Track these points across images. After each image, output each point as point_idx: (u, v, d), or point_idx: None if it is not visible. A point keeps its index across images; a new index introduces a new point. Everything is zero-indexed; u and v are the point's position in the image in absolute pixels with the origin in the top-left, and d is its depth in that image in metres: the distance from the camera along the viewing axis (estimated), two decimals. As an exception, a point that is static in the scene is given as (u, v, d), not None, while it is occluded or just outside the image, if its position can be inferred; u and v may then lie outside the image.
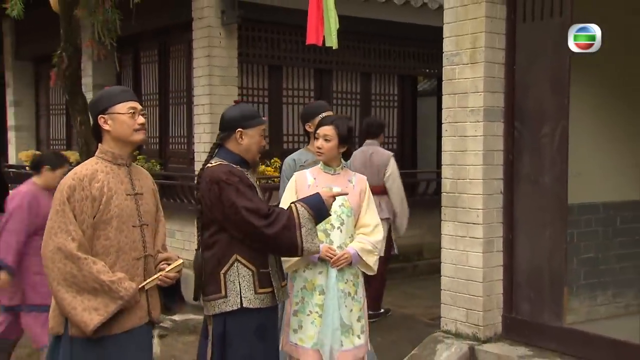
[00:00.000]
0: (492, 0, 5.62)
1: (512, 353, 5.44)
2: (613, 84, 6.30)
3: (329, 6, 5.97)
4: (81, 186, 3.39)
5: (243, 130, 4.01)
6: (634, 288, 6.56)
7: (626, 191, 6.51)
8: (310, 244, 3.90)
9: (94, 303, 3.31)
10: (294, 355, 4.37)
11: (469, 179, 5.74)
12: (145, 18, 9.15)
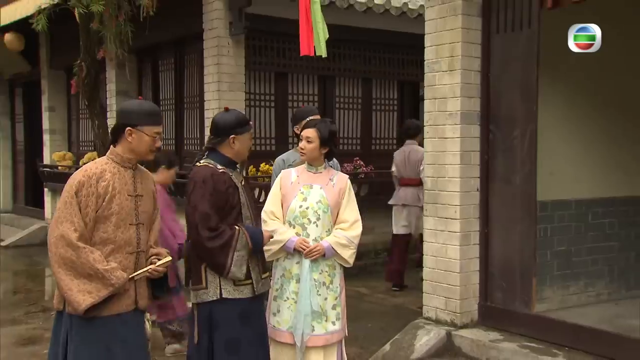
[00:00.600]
0: (468, 12, 5.72)
1: (485, 337, 5.52)
2: (584, 92, 6.31)
3: (317, 18, 6.07)
4: (89, 183, 3.53)
5: (236, 136, 4.15)
6: (604, 279, 6.58)
7: (597, 189, 6.51)
8: (237, 269, 4.04)
9: (88, 287, 3.47)
10: (272, 336, 4.50)
11: (447, 178, 5.83)
12: (162, 30, 9.34)
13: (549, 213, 6.21)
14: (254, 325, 4.19)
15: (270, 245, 4.46)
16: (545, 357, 5.07)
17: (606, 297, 6.55)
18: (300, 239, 4.45)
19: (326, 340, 4.50)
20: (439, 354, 5.59)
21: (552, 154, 6.11)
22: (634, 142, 6.63)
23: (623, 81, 6.50)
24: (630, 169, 6.66)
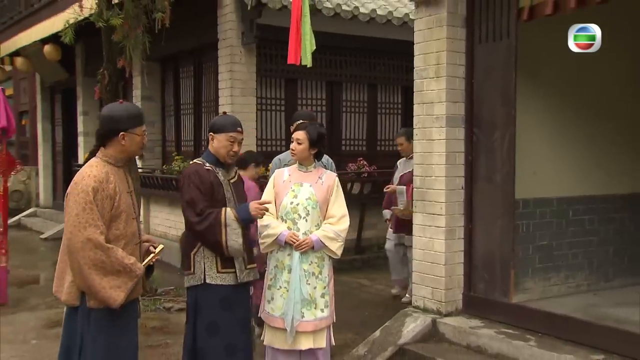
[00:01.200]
0: (453, 24, 5.77)
1: (466, 324, 5.57)
2: (564, 97, 6.32)
3: (306, 30, 6.14)
4: (101, 187, 3.56)
5: (214, 134, 4.33)
6: (584, 271, 6.58)
7: (578, 188, 6.50)
8: (234, 241, 4.16)
9: (117, 282, 3.55)
10: (267, 322, 4.64)
11: (434, 177, 5.87)
12: (182, 40, 9.55)
13: (531, 210, 6.23)
14: (235, 311, 4.28)
15: (264, 239, 4.59)
16: (518, 341, 5.11)
17: (586, 288, 6.55)
18: (291, 232, 4.56)
19: (315, 326, 4.60)
20: (424, 339, 5.63)
21: (534, 154, 6.14)
22: (612, 144, 6.62)
23: (601, 86, 6.51)
24: (608, 169, 6.66)
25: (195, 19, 9.27)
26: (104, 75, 7.35)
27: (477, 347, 5.34)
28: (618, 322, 5.26)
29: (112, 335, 3.67)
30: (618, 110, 6.66)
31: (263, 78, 9.12)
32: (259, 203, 4.33)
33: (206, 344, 4.23)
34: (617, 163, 6.72)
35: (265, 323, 4.68)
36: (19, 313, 7.43)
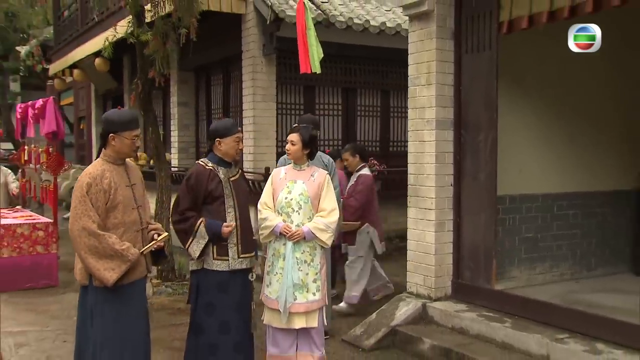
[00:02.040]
0: (442, 36, 5.86)
1: (452, 308, 5.68)
2: (547, 101, 6.37)
3: (312, 41, 6.28)
4: (95, 183, 3.80)
5: (221, 139, 4.49)
6: (568, 261, 6.62)
7: (562, 185, 6.54)
8: (193, 250, 4.40)
9: (111, 265, 3.77)
10: (266, 304, 4.79)
11: (426, 174, 5.96)
12: (213, 51, 9.81)
13: (518, 205, 6.30)
14: (230, 293, 4.46)
15: (263, 230, 4.73)
16: (495, 323, 5.21)
17: (569, 277, 6.60)
18: (285, 224, 4.71)
19: (307, 308, 4.73)
20: (414, 321, 5.74)
21: (520, 154, 6.22)
22: (593, 144, 6.65)
23: (582, 90, 6.53)
24: (591, 168, 6.68)
25: (223, 33, 9.49)
26: (137, 84, 7.58)
27: (460, 329, 5.46)
28: (590, 306, 5.36)
29: (116, 309, 3.90)
30: (598, 112, 6.67)
31: (283, 85, 9.28)
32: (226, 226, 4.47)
33: (203, 321, 4.43)
34: (599, 162, 6.74)
35: (265, 305, 4.86)
36: (67, 293, 7.72)
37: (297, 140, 4.83)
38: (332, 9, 8.95)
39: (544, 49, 6.15)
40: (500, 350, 5.00)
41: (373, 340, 5.59)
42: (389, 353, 5.46)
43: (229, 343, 4.47)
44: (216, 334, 4.42)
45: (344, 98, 9.98)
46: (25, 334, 6.10)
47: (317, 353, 4.93)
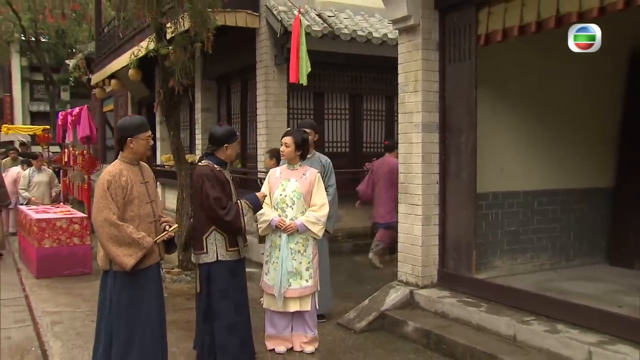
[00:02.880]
0: (428, 48, 5.97)
1: (435, 295, 5.77)
2: (527, 105, 6.42)
3: (302, 55, 6.44)
4: (114, 180, 4.04)
5: (228, 145, 4.68)
6: (547, 252, 6.65)
7: (542, 183, 6.57)
8: (249, 226, 4.60)
9: (129, 251, 3.99)
10: (264, 290, 5.02)
11: (414, 173, 6.06)
12: (232, 62, 10.04)
13: (500, 201, 6.35)
14: (239, 278, 4.67)
15: (261, 224, 4.95)
16: (472, 308, 5.31)
17: (548, 267, 6.63)
18: (280, 218, 4.94)
19: (300, 293, 4.95)
20: (402, 306, 5.86)
21: (502, 154, 6.27)
22: (572, 145, 6.67)
23: (559, 97, 6.56)
24: (569, 167, 6.71)
25: (241, 45, 9.72)
26: (159, 93, 7.86)
27: (441, 313, 5.57)
28: (561, 293, 5.42)
29: (133, 291, 4.11)
30: (576, 116, 6.69)
31: (295, 92, 9.45)
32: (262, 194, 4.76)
33: (219, 305, 4.59)
34: (577, 162, 6.76)
35: (264, 290, 5.06)
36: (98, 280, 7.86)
37: (290, 142, 5.04)
38: (337, 23, 9.11)
39: (524, 58, 6.21)
40: (475, 331, 5.11)
41: (364, 323, 5.73)
42: (377, 334, 5.60)
43: (243, 321, 4.69)
44: (233, 315, 4.61)
45: (350, 103, 10.13)
46: (60, 314, 6.40)
47: (310, 334, 5.14)
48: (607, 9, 4.49)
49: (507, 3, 5.29)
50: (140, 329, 4.16)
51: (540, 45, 6.13)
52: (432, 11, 5.99)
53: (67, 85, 25.74)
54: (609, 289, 5.75)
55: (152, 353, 4.20)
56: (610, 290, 5.69)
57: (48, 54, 24.25)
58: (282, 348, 5.07)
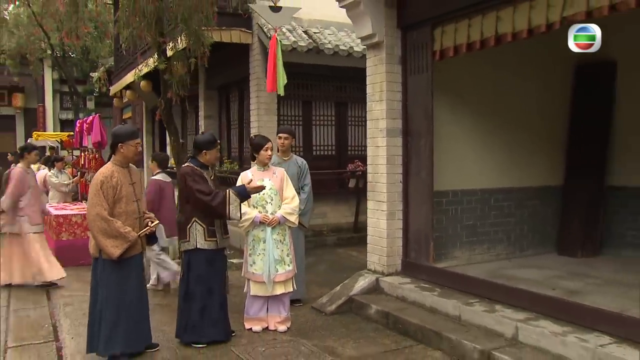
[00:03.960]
0: (391, 62, 6.16)
1: (397, 281, 5.97)
2: (486, 113, 6.59)
3: (279, 69, 6.65)
4: (106, 181, 4.35)
5: (207, 151, 4.94)
6: (503, 243, 6.81)
7: (498, 181, 6.73)
8: (233, 213, 4.77)
9: (116, 243, 4.30)
10: (251, 279, 5.22)
11: (380, 173, 6.26)
12: (230, 74, 10.27)
13: (459, 198, 6.54)
14: (215, 266, 4.91)
15: (243, 222, 5.15)
16: (426, 292, 5.51)
17: (504, 257, 6.79)
18: (263, 214, 5.18)
19: (285, 276, 5.23)
20: (368, 292, 6.07)
21: (461, 156, 6.47)
22: (525, 148, 6.85)
23: (514, 105, 6.75)
24: (523, 167, 6.88)
25: (238, 59, 9.91)
26: (160, 103, 8.14)
27: (401, 297, 5.78)
28: (509, 279, 5.64)
29: (118, 277, 4.42)
30: (529, 122, 6.88)
31: (285, 101, 9.63)
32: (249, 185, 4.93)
33: (195, 289, 4.87)
34: (530, 163, 6.94)
35: (251, 280, 5.25)
36: None
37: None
38: (322, 38, 9.34)
39: (480, 70, 6.41)
40: (427, 312, 5.33)
41: (334, 306, 5.94)
42: (344, 316, 5.81)
43: (215, 304, 4.92)
44: (206, 298, 4.86)
45: (336, 111, 10.30)
46: (72, 297, 6.73)
47: (284, 314, 5.38)
48: (535, 31, 4.69)
49: (457, 23, 5.51)
50: (126, 310, 4.46)
51: (494, 58, 6.33)
52: (395, 29, 6.19)
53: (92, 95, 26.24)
54: (550, 274, 5.96)
55: (136, 330, 4.50)
56: (551, 275, 5.90)
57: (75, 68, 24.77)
58: (258, 327, 5.30)
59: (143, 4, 7.00)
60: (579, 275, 5.93)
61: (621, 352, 3.82)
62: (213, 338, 4.89)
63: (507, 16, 4.97)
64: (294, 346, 4.91)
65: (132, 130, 4.62)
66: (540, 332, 4.30)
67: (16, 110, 25.31)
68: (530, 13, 4.74)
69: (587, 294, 5.12)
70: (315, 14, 9.58)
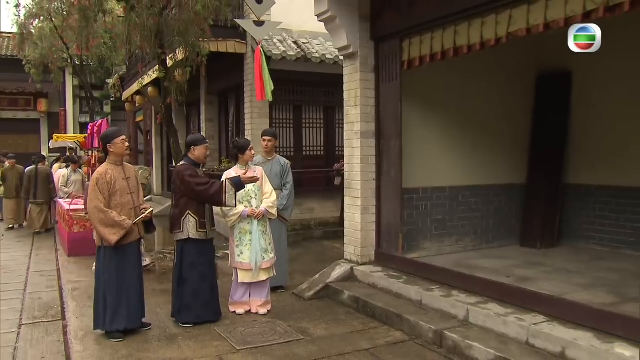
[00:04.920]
0: (365, 70, 6.35)
1: (369, 270, 6.15)
2: (453, 117, 6.75)
3: (266, 77, 6.82)
4: (101, 178, 4.63)
5: (195, 147, 5.16)
6: (470, 236, 6.98)
7: (466, 180, 6.89)
8: (229, 201, 4.97)
9: (113, 230, 4.56)
10: (239, 267, 5.41)
11: (354, 172, 6.45)
12: (229, 80, 10.47)
13: (429, 195, 6.71)
14: (205, 255, 5.13)
15: (230, 217, 5.35)
16: (393, 280, 5.70)
17: (471, 248, 6.95)
18: (250, 209, 5.37)
19: (270, 264, 5.45)
20: (344, 279, 6.26)
21: (431, 157, 6.64)
22: (491, 150, 7.03)
23: (480, 110, 6.92)
24: (489, 167, 7.05)
25: (234, 67, 10.13)
26: (161, 108, 8.38)
27: (372, 284, 5.98)
28: (472, 268, 5.80)
29: (117, 263, 4.69)
30: (495, 126, 7.06)
31: (278, 105, 9.85)
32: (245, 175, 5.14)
33: (188, 275, 5.09)
34: (496, 163, 7.11)
35: (239, 269, 5.44)
36: None
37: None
38: (310, 48, 9.55)
39: (448, 78, 6.60)
40: (393, 298, 5.52)
41: (312, 292, 6.14)
42: (321, 301, 6.00)
43: (206, 288, 5.15)
44: (198, 282, 5.09)
45: (325, 114, 10.49)
46: (80, 282, 6.98)
47: (265, 298, 5.58)
48: (486, 45, 4.88)
49: (421, 36, 5.70)
50: (126, 292, 4.73)
51: (463, 67, 6.51)
52: (369, 41, 6.38)
53: (109, 99, 26.65)
54: (509, 264, 6.14)
55: (135, 309, 4.79)
56: (509, 265, 6.08)
57: (94, 75, 25.19)
58: (241, 310, 5.52)
59: (144, 19, 7.20)
60: (534, 264, 6.11)
61: (550, 328, 4.03)
62: (204, 318, 5.13)
63: (463, 30, 5.16)
64: (270, 327, 5.12)
65: (115, 130, 4.93)
66: (486, 314, 4.50)
67: (41, 115, 25.98)
68: (482, 28, 4.94)
69: (536, 281, 5.30)
70: (305, 25, 9.77)
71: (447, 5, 5.23)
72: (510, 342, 4.17)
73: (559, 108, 7.10)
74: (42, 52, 17.89)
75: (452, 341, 4.34)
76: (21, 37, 17.20)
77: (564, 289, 4.86)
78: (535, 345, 4.03)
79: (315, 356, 4.39)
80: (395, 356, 4.36)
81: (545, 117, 7.21)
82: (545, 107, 7.24)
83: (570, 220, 7.12)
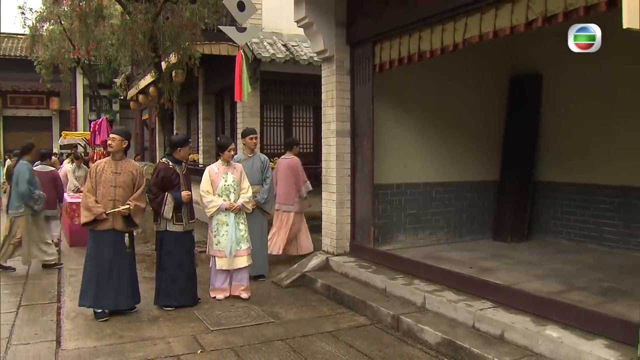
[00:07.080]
0: (341, 73, 6.62)
1: (342, 260, 6.42)
2: (427, 117, 6.98)
3: (244, 80, 7.07)
4: (95, 167, 5.12)
5: (181, 148, 5.49)
6: (444, 230, 7.20)
7: (440, 176, 7.11)
8: (166, 213, 5.28)
9: (85, 213, 5.00)
10: (216, 255, 5.69)
11: (331, 168, 6.71)
12: (224, 80, 10.72)
13: (403, 190, 6.93)
14: (183, 244, 5.43)
15: (210, 209, 5.63)
16: (362, 269, 5.96)
17: (444, 241, 7.18)
18: (228, 202, 5.65)
19: (246, 252, 5.72)
20: (319, 269, 6.53)
21: (406, 155, 6.87)
22: (465, 148, 7.26)
23: (454, 110, 7.15)
24: (462, 164, 7.28)
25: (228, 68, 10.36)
26: (157, 107, 8.71)
27: (344, 273, 6.25)
28: (441, 259, 6.02)
29: (92, 245, 5.13)
30: (469, 125, 7.29)
31: (268, 105, 10.14)
32: (187, 194, 5.42)
33: (165, 262, 5.42)
34: (469, 161, 7.34)
35: (216, 256, 5.72)
36: None
37: (234, 148, 5.89)
38: (299, 50, 9.82)
39: (421, 79, 6.83)
40: (361, 286, 5.80)
41: (289, 280, 6.42)
42: (297, 289, 6.29)
43: (183, 275, 5.46)
44: (175, 270, 5.41)
45: (314, 114, 10.74)
46: (77, 269, 7.23)
47: (245, 283, 5.88)
48: (446, 50, 5.15)
49: (391, 41, 5.97)
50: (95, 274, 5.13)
51: (436, 69, 6.75)
52: (345, 45, 6.66)
53: (117, 98, 27.17)
54: (475, 256, 6.38)
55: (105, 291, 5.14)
56: (476, 257, 6.33)
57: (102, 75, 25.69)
58: (221, 296, 5.82)
59: (138, 24, 7.52)
60: (500, 257, 6.36)
61: (493, 313, 4.30)
62: (182, 303, 5.46)
63: (426, 36, 5.43)
64: (245, 311, 5.42)
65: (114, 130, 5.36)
66: (440, 300, 4.78)
67: (53, 113, 26.68)
68: (442, 34, 5.20)
69: (496, 271, 5.56)
70: (295, 29, 9.91)
71: (411, 13, 5.50)
72: (458, 326, 4.45)
73: (530, 109, 7.34)
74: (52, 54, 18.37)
75: (407, 325, 4.62)
76: (32, 39, 17.68)
77: (519, 279, 5.12)
78: (480, 328, 4.30)
79: (280, 337, 4.69)
80: (354, 338, 4.65)
81: (517, 118, 7.45)
82: (517, 108, 7.48)
83: (540, 215, 7.36)
